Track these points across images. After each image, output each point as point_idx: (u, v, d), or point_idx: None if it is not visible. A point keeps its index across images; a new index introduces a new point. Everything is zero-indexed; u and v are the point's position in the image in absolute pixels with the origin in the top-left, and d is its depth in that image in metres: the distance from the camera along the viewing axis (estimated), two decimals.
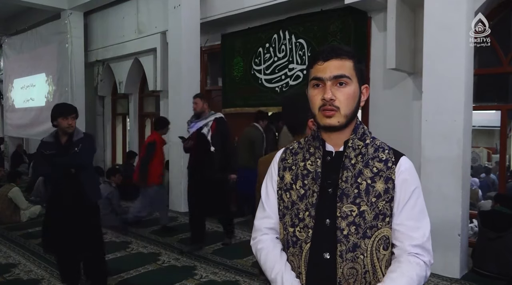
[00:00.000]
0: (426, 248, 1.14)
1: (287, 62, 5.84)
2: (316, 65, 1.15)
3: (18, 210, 5.77)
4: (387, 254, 1.15)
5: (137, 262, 4.08)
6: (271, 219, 1.27)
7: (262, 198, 1.30)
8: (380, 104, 4.96)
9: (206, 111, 4.45)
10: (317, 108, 1.14)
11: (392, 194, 1.14)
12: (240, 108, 6.56)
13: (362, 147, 1.18)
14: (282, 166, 1.26)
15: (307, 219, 1.16)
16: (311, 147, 1.22)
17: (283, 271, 1.18)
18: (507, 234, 3.60)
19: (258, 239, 1.27)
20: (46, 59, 9.31)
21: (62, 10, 8.37)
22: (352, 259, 1.12)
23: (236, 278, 3.66)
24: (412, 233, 1.14)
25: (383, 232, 1.14)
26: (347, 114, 1.13)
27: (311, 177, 1.18)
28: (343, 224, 1.13)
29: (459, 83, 3.58)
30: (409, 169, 1.17)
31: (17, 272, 3.85)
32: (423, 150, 3.79)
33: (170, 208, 6.32)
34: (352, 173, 1.15)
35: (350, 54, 1.15)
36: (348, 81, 1.13)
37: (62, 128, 3.06)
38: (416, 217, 1.15)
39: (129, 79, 8.41)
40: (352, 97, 1.14)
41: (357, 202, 1.13)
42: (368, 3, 4.74)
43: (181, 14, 6.08)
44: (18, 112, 10.65)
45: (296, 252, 1.18)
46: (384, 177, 1.15)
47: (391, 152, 1.19)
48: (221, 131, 4.39)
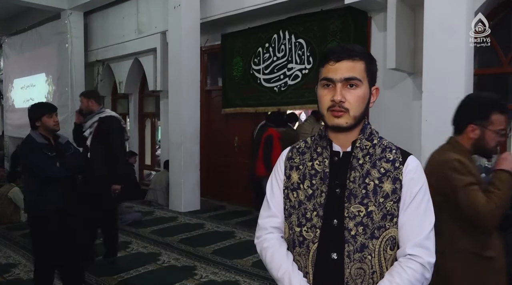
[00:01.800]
0: (424, 246, 1.12)
1: (286, 61, 5.84)
2: (328, 65, 1.14)
3: (18, 210, 5.78)
4: (394, 254, 1.15)
5: (137, 262, 4.08)
6: (276, 218, 1.26)
7: (267, 196, 1.29)
8: (380, 104, 4.95)
9: (94, 110, 3.85)
10: (326, 108, 1.14)
11: (400, 194, 1.14)
12: (239, 108, 6.57)
13: (370, 148, 1.17)
14: (289, 165, 1.25)
15: (315, 219, 1.15)
16: (318, 146, 1.22)
17: (291, 271, 1.17)
18: (507, 234, 3.59)
19: (264, 238, 1.26)
20: (46, 59, 9.31)
21: (62, 10, 8.37)
22: (360, 259, 1.12)
23: (236, 278, 3.66)
24: (413, 232, 1.13)
25: (390, 232, 1.13)
26: (356, 116, 1.13)
27: (319, 177, 1.18)
28: (351, 225, 1.12)
29: (459, 83, 3.58)
30: (416, 168, 1.17)
31: (17, 272, 3.84)
32: (423, 150, 3.78)
33: (170, 208, 6.33)
34: (360, 173, 1.15)
35: (362, 55, 1.15)
36: (359, 83, 1.12)
37: (48, 127, 2.92)
38: (421, 216, 1.14)
39: (129, 79, 8.40)
40: (362, 99, 1.13)
41: (365, 203, 1.13)
42: (368, 3, 4.74)
43: (181, 14, 6.08)
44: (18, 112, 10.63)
45: (303, 252, 1.17)
46: (391, 177, 1.14)
47: (399, 152, 1.18)
48: (106, 131, 3.76)
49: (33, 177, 2.89)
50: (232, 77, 6.68)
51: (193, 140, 6.27)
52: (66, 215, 2.95)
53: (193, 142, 6.27)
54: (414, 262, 1.11)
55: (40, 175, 2.85)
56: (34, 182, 2.88)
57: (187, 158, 6.18)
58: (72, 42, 8.41)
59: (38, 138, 2.91)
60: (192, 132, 6.25)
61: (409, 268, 1.10)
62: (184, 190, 6.19)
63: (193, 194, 6.31)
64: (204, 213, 6.15)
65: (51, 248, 2.94)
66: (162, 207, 6.47)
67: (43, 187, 2.86)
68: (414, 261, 1.11)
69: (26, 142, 2.93)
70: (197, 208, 6.33)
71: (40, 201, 2.86)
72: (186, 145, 6.17)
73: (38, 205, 2.87)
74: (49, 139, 2.96)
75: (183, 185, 6.17)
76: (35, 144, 2.88)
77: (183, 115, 6.17)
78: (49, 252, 2.95)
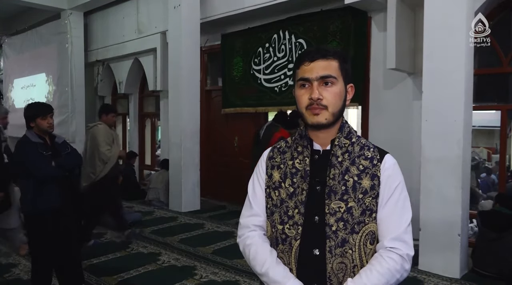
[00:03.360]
0: (403, 240, 1.17)
1: (287, 62, 5.84)
2: (303, 66, 1.18)
3: None
4: (373, 248, 1.19)
5: (137, 262, 4.08)
6: (258, 216, 1.29)
7: (248, 196, 1.33)
8: (380, 104, 4.96)
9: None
10: (304, 107, 1.18)
11: (378, 190, 1.18)
12: (239, 108, 6.56)
13: (349, 146, 1.21)
14: (270, 164, 1.29)
15: (297, 217, 1.19)
16: (298, 146, 1.25)
17: (275, 264, 1.19)
18: (507, 234, 3.60)
19: (246, 236, 1.29)
20: (46, 59, 9.31)
21: (62, 10, 8.36)
22: (341, 254, 1.15)
23: (236, 278, 3.66)
24: (392, 227, 1.17)
25: (370, 227, 1.18)
26: (335, 112, 1.17)
27: (299, 175, 1.21)
28: (332, 220, 1.16)
29: (459, 83, 3.58)
30: (393, 166, 1.22)
31: (17, 272, 3.84)
32: (423, 150, 3.79)
33: (170, 208, 6.33)
34: (339, 170, 1.19)
35: (335, 54, 1.19)
36: (334, 80, 1.16)
37: (42, 128, 2.89)
38: (399, 211, 1.19)
39: (129, 79, 8.40)
40: (338, 96, 1.17)
41: (345, 199, 1.17)
42: (368, 3, 4.74)
43: (181, 14, 6.08)
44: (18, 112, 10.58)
45: (286, 249, 1.20)
46: (370, 174, 1.19)
47: (376, 150, 1.23)
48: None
49: (28, 176, 2.86)
50: (232, 77, 6.68)
51: (193, 140, 6.27)
52: (63, 214, 2.94)
53: (193, 142, 6.27)
54: (394, 254, 1.15)
55: (35, 174, 2.83)
56: (30, 182, 2.86)
57: (187, 158, 6.18)
58: (72, 42, 8.41)
59: (33, 138, 2.89)
60: (192, 132, 6.25)
61: (389, 258, 1.15)
62: (184, 190, 6.19)
63: (193, 194, 6.31)
64: (204, 213, 6.15)
65: (48, 248, 2.93)
66: (162, 207, 6.47)
67: (39, 186, 2.84)
68: (393, 253, 1.15)
69: (21, 142, 2.92)
70: (197, 208, 6.33)
71: (36, 201, 2.85)
72: (186, 145, 6.17)
73: (34, 205, 2.86)
74: (44, 139, 2.94)
75: (183, 185, 6.17)
76: (30, 143, 2.86)
77: (183, 115, 6.17)
78: (46, 252, 2.94)
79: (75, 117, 8.48)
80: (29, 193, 2.86)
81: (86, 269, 3.74)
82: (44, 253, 2.96)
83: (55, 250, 2.95)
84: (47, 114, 2.90)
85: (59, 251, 2.96)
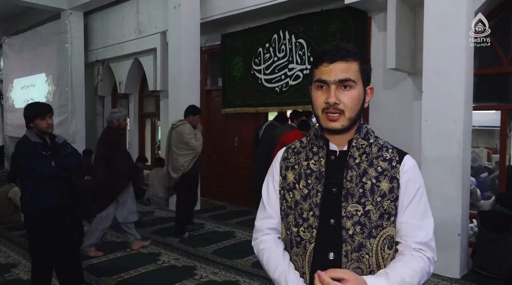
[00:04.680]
0: (430, 246, 1.15)
1: (287, 62, 5.84)
2: (321, 66, 1.12)
3: (18, 210, 5.76)
4: (391, 254, 1.15)
5: (137, 262, 4.08)
6: (272, 219, 1.26)
7: (263, 198, 1.29)
8: (380, 104, 4.96)
9: None
10: (320, 110, 1.13)
11: (397, 193, 1.14)
12: (240, 108, 6.56)
13: (366, 146, 1.17)
14: (285, 165, 1.24)
15: (311, 219, 1.15)
16: (314, 146, 1.21)
17: (287, 271, 1.17)
18: (507, 235, 3.60)
19: (260, 240, 1.26)
20: (46, 59, 9.31)
21: (62, 10, 8.37)
22: (358, 259, 1.11)
23: (236, 278, 3.66)
24: (416, 231, 1.14)
25: (388, 231, 1.13)
26: (351, 117, 1.12)
27: (314, 177, 1.17)
28: (349, 224, 1.12)
29: (459, 83, 3.58)
30: (413, 168, 1.17)
31: (17, 272, 3.84)
32: (423, 150, 3.79)
33: (170, 208, 6.33)
34: (356, 172, 1.14)
35: (356, 55, 1.13)
36: (353, 84, 1.11)
37: (40, 129, 2.87)
38: (420, 216, 1.15)
39: (129, 79, 8.41)
40: (356, 100, 1.12)
41: (362, 202, 1.12)
42: (368, 3, 4.74)
43: (181, 14, 6.08)
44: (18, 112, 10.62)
45: (300, 252, 1.17)
46: (388, 176, 1.14)
47: (395, 151, 1.18)
48: None
49: (29, 176, 2.86)
50: (232, 77, 6.68)
51: None
52: (63, 214, 2.94)
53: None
54: (423, 255, 1.13)
55: (33, 174, 2.82)
56: (29, 181, 2.85)
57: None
58: (72, 42, 8.42)
59: (32, 138, 2.88)
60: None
61: (421, 258, 1.12)
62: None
63: None
64: (204, 213, 6.15)
65: (47, 247, 2.92)
66: (162, 207, 6.47)
67: (39, 186, 2.84)
68: (422, 254, 1.13)
69: (21, 142, 2.91)
70: (197, 208, 6.31)
71: (37, 201, 2.84)
72: None
73: (34, 205, 2.85)
74: (44, 139, 2.94)
75: None
76: (29, 143, 2.86)
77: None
78: (46, 251, 2.94)
79: (75, 117, 8.48)
80: (29, 192, 2.86)
81: (86, 269, 3.75)
82: (42, 253, 2.96)
83: (55, 250, 2.94)
84: (46, 114, 2.89)
85: (59, 251, 2.96)
